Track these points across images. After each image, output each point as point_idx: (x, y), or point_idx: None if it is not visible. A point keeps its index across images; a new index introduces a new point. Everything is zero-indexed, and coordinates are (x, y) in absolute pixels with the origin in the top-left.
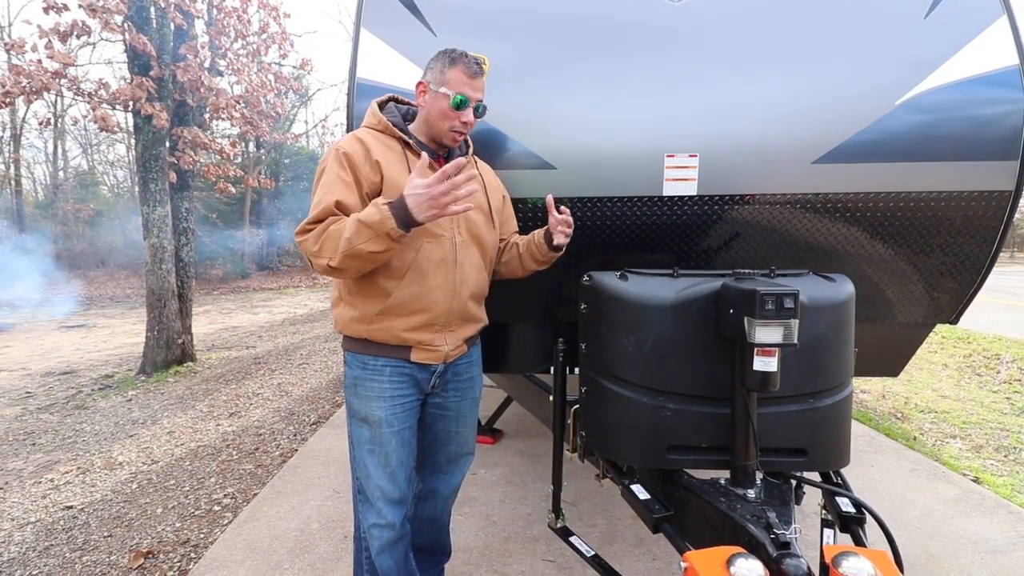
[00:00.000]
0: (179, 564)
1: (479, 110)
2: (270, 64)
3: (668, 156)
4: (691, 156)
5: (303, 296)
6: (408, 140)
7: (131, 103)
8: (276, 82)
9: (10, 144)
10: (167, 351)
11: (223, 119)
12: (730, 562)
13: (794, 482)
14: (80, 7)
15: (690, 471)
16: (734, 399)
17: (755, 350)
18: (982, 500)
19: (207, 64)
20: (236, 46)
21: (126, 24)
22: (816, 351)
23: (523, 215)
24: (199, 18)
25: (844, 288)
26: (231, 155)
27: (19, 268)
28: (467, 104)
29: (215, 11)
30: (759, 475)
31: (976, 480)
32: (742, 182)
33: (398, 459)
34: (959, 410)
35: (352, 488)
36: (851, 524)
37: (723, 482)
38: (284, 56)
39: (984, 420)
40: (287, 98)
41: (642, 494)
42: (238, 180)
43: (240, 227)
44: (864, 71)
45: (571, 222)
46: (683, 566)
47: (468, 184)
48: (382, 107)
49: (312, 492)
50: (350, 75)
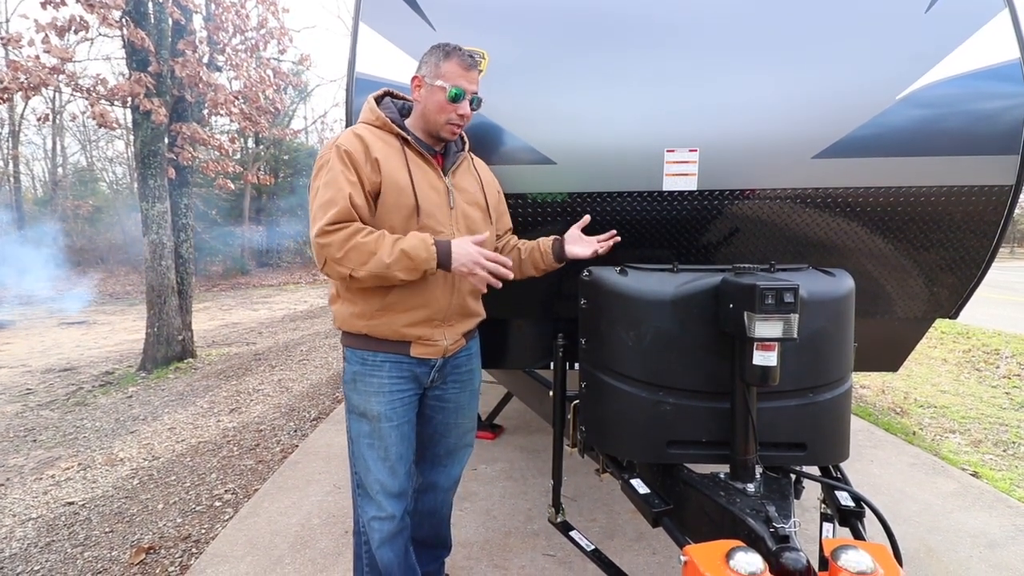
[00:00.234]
0: (180, 559)
1: (475, 102)
2: (269, 59)
3: (668, 151)
4: (691, 151)
5: (303, 292)
6: (407, 137)
7: (130, 99)
8: (275, 78)
9: (9, 140)
10: (167, 347)
11: (222, 115)
12: (730, 556)
13: (793, 476)
14: (78, 2)
15: (690, 466)
16: (734, 394)
17: (755, 345)
18: (981, 494)
19: (205, 60)
20: (235, 41)
21: (124, 19)
22: (816, 346)
23: (523, 211)
24: (197, 13)
25: (844, 283)
26: (230, 151)
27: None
28: (463, 96)
29: (213, 6)
30: (758, 469)
31: (975, 474)
32: (742, 177)
33: (397, 453)
34: (958, 405)
35: (351, 483)
36: (850, 518)
37: (723, 476)
38: (283, 51)
39: (983, 415)
40: (286, 94)
41: (642, 489)
42: (237, 176)
43: (240, 223)
44: (865, 65)
45: (616, 241)
46: (683, 560)
47: (502, 271)
48: (378, 102)
49: (313, 488)
50: (349, 70)
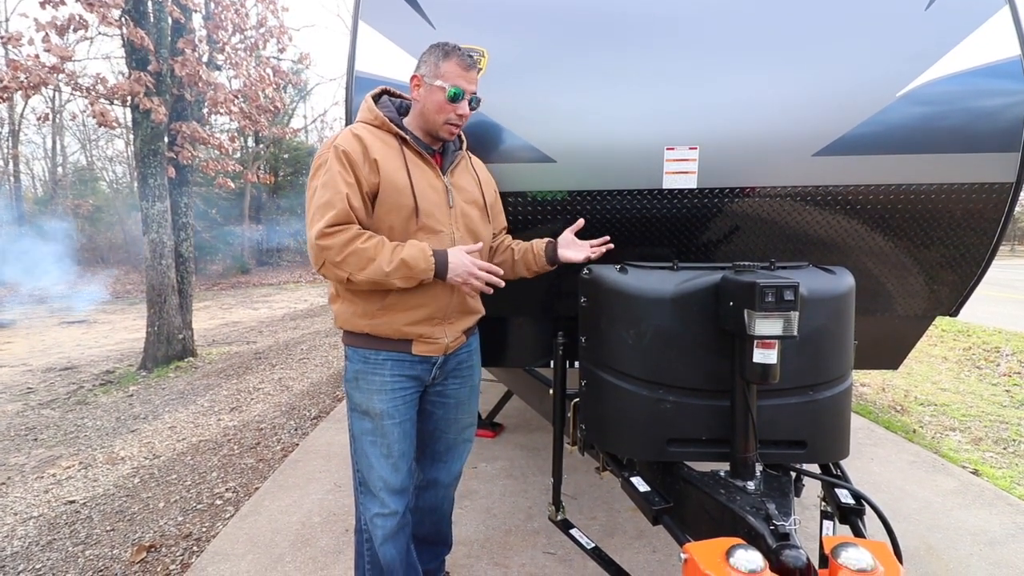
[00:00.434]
0: (181, 558)
1: (474, 102)
2: (268, 58)
3: (668, 149)
4: (691, 149)
5: (303, 291)
6: (405, 136)
7: (129, 98)
8: (274, 76)
9: (9, 140)
10: (168, 346)
11: (222, 114)
12: (730, 553)
13: (793, 474)
14: (77, 1)
15: (690, 463)
16: (734, 391)
17: (755, 342)
18: (981, 492)
19: (205, 58)
20: (234, 40)
21: (123, 18)
22: (816, 343)
23: (523, 209)
24: (197, 12)
25: (844, 280)
26: (230, 150)
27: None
28: (462, 96)
29: (213, 5)
30: (759, 467)
31: (975, 472)
32: (742, 175)
33: (400, 450)
34: (958, 403)
35: (353, 481)
36: (850, 515)
37: (723, 474)
38: (282, 50)
39: (983, 413)
40: (286, 92)
41: (642, 486)
42: (237, 175)
43: (240, 222)
44: (865, 63)
45: (608, 248)
46: (683, 557)
47: (495, 280)
48: (376, 100)
49: (313, 486)
50: (348, 69)
